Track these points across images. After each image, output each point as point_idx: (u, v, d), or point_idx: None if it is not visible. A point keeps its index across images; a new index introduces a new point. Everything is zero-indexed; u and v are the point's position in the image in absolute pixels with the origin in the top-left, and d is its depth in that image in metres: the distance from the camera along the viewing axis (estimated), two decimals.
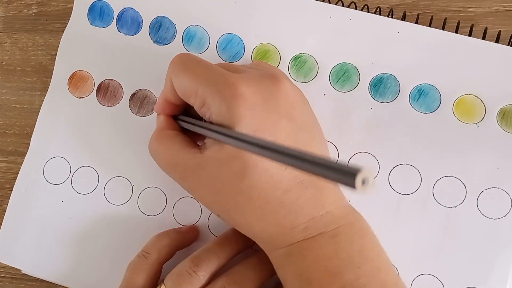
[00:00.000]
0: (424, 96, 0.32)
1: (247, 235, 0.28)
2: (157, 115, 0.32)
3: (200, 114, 0.28)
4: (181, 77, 0.28)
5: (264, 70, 0.29)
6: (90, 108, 0.35)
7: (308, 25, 0.33)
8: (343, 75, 0.33)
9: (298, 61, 0.33)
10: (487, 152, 0.30)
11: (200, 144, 0.29)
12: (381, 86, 0.32)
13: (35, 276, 0.35)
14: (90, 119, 0.35)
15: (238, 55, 0.34)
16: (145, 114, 0.35)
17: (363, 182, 0.15)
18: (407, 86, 0.32)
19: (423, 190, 0.31)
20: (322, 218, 0.26)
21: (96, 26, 0.36)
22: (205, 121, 0.28)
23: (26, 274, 0.35)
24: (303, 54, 0.33)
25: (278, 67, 0.33)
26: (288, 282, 0.27)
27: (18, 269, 0.35)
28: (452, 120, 0.31)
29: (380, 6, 0.34)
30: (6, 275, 0.36)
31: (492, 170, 0.30)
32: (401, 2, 0.35)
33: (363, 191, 0.15)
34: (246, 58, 0.34)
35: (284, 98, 0.27)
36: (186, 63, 0.28)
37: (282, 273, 0.27)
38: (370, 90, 0.32)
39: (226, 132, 0.24)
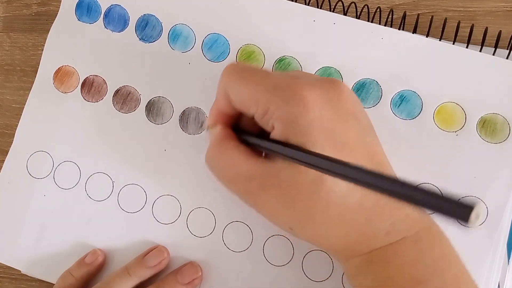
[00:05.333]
0: (405, 103, 0.32)
1: (320, 247, 0.27)
2: (209, 128, 0.29)
3: (261, 124, 0.27)
4: (239, 87, 0.27)
5: (317, 75, 0.28)
6: (75, 103, 0.35)
7: (292, 28, 0.33)
8: None
9: (282, 64, 0.33)
10: (465, 160, 0.30)
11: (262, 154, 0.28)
12: (363, 91, 0.32)
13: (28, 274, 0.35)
14: (74, 115, 0.35)
15: (223, 55, 0.34)
16: (128, 110, 0.35)
17: (476, 216, 0.15)
18: (389, 92, 0.32)
19: None
20: (403, 222, 0.25)
21: (83, 22, 0.36)
22: (264, 134, 0.27)
23: (26, 274, 0.35)
24: (287, 57, 0.33)
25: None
26: None
27: (17, 269, 0.35)
28: (432, 127, 0.31)
29: (380, 6, 0.34)
30: (6, 275, 0.36)
31: (469, 179, 0.30)
32: (401, 2, 0.35)
33: (474, 225, 0.15)
34: (231, 59, 0.34)
35: (347, 99, 0.26)
36: (242, 73, 0.27)
37: (360, 282, 0.26)
38: None
39: (301, 156, 0.23)
